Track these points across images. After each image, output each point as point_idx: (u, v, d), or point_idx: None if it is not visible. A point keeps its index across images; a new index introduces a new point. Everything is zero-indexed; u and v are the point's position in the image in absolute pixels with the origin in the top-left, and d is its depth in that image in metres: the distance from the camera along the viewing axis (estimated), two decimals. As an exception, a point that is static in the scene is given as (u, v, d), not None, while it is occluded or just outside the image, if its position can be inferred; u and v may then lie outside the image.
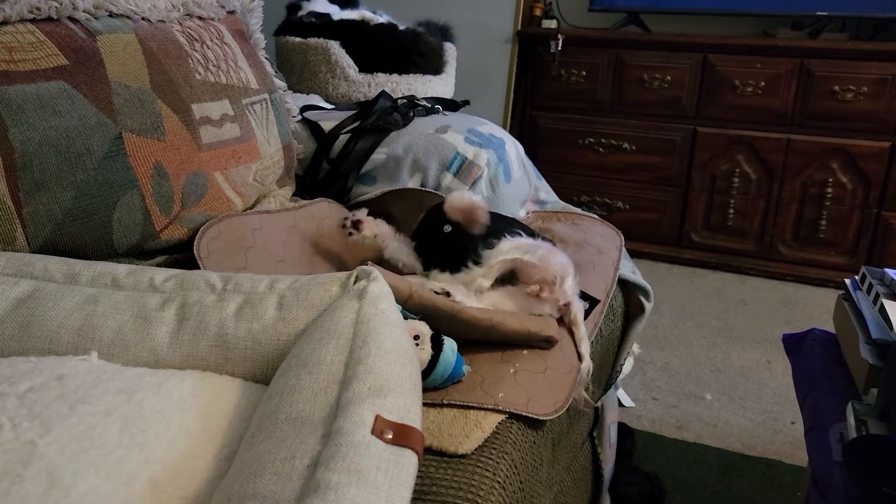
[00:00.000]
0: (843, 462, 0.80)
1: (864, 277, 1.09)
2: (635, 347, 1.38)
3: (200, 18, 1.07)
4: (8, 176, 0.73)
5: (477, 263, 0.92)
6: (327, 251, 1.08)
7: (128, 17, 0.92)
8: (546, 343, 0.89)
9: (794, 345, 1.18)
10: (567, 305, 0.92)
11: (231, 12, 1.17)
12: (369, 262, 0.92)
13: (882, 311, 0.98)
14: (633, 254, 2.71)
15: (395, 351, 0.59)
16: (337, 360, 0.57)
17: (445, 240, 0.99)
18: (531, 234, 1.01)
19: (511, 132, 3.00)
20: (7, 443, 0.49)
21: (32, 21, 0.80)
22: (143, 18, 0.94)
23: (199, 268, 0.86)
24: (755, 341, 2.18)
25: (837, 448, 0.85)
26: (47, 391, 0.54)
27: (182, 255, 0.91)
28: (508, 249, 0.92)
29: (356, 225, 1.00)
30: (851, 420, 0.85)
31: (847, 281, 1.13)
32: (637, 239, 2.87)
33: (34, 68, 0.77)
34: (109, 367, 0.60)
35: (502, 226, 0.99)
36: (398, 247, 1.01)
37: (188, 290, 0.68)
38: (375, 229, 1.01)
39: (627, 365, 1.39)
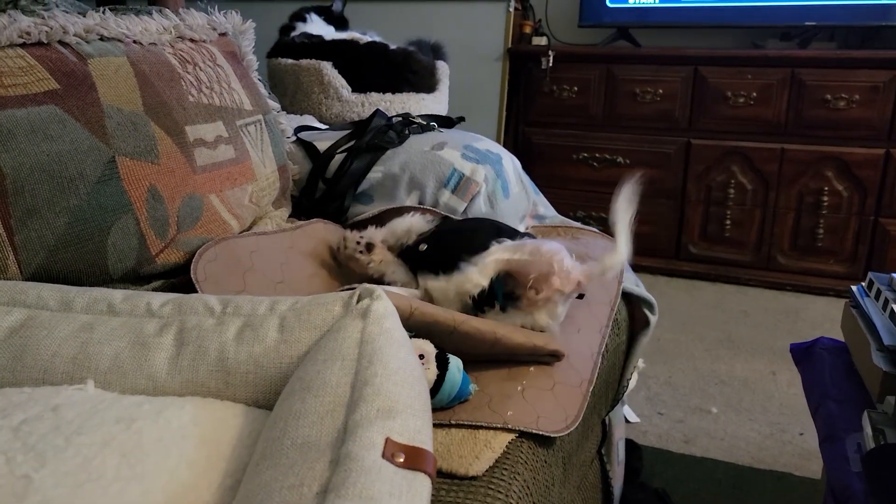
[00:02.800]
0: (863, 473, 0.78)
1: (871, 284, 1.07)
2: (640, 362, 1.36)
3: (192, 41, 1.06)
4: (-1, 202, 0.71)
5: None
6: (326, 272, 1.06)
7: (119, 41, 0.91)
8: (552, 357, 0.87)
9: (803, 354, 1.16)
10: (579, 284, 0.88)
11: (223, 34, 1.16)
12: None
13: (892, 317, 0.97)
14: (631, 267, 2.70)
15: (403, 371, 0.57)
16: (343, 381, 0.55)
17: (422, 258, 0.99)
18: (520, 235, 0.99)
19: (504, 148, 2.99)
20: (1, 477, 0.47)
21: (22, 46, 0.79)
22: (134, 41, 0.93)
23: (196, 292, 0.84)
24: (758, 352, 2.16)
25: (856, 459, 0.83)
26: (42, 423, 0.52)
27: (179, 280, 0.89)
28: (497, 250, 0.89)
29: (369, 248, 0.99)
30: (868, 429, 0.83)
31: (854, 288, 1.11)
32: (634, 252, 2.84)
33: (24, 93, 0.75)
34: (106, 396, 0.58)
35: (487, 235, 0.97)
36: (396, 269, 1.01)
37: (186, 314, 0.66)
38: (384, 256, 1.01)
39: (632, 380, 1.37)
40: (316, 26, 1.98)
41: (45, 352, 0.62)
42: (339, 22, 2.03)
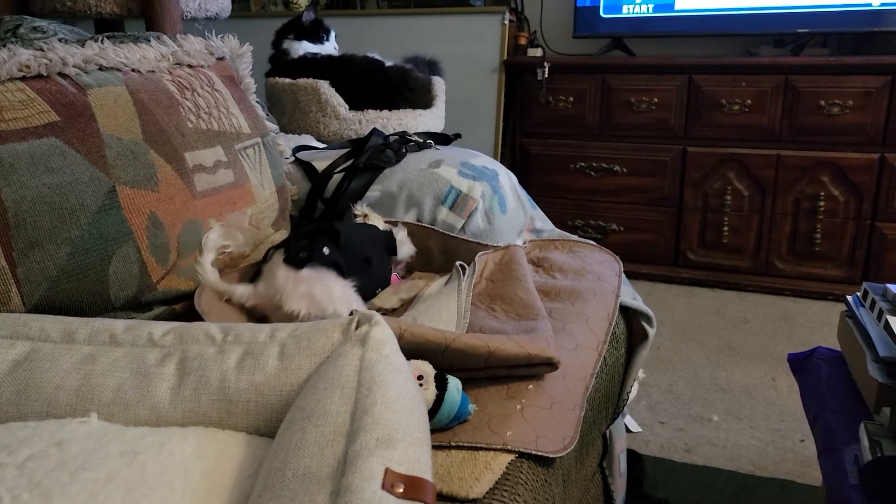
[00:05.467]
0: (860, 485, 0.78)
1: (865, 294, 1.08)
2: (640, 372, 1.37)
3: (190, 66, 1.07)
4: (1, 236, 0.72)
5: None
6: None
7: (118, 70, 0.92)
8: (548, 366, 0.87)
9: (800, 364, 1.17)
10: None
11: (220, 59, 1.17)
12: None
13: (887, 327, 0.98)
14: (630, 275, 2.70)
15: (402, 398, 0.58)
16: (342, 410, 0.56)
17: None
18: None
19: (502, 160, 3.01)
20: (7, 516, 0.48)
21: (22, 79, 0.80)
22: (133, 70, 0.94)
23: (199, 317, 0.85)
24: (758, 359, 2.16)
25: (853, 471, 0.84)
26: (47, 459, 0.53)
27: (181, 306, 0.90)
28: None
29: None
30: (865, 441, 0.84)
31: (849, 298, 1.12)
32: (633, 260, 2.87)
33: (25, 126, 0.76)
34: (110, 429, 0.59)
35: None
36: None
37: (188, 343, 0.67)
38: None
39: (633, 390, 1.37)
40: (307, 47, 1.99)
41: (49, 385, 0.63)
42: (312, 32, 1.99)
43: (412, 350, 0.77)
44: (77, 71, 0.86)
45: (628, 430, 1.73)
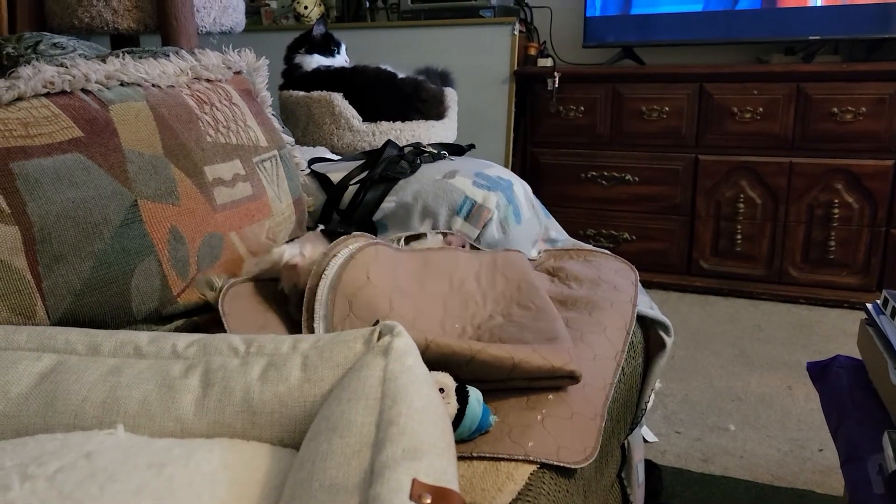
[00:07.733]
0: (886, 495, 0.78)
1: (886, 301, 1.07)
2: (657, 382, 1.36)
3: (208, 81, 1.08)
4: (27, 250, 0.73)
5: None
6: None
7: (139, 85, 0.93)
8: (570, 379, 0.87)
9: (820, 373, 1.16)
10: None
11: (237, 72, 1.18)
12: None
13: (908, 335, 0.97)
14: (643, 284, 2.68)
15: (427, 409, 0.58)
16: (367, 421, 0.56)
17: None
18: None
19: (512, 170, 3.02)
20: (38, 528, 0.48)
21: (46, 95, 0.81)
22: (153, 85, 0.96)
23: (219, 328, 0.85)
24: (773, 367, 2.15)
25: (878, 480, 0.83)
26: (76, 471, 0.53)
27: (201, 318, 0.91)
28: None
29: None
30: (889, 451, 0.83)
31: (869, 305, 1.11)
32: (646, 269, 2.87)
33: (50, 142, 0.77)
34: (137, 441, 0.59)
35: None
36: None
37: (211, 354, 0.68)
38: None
39: (650, 400, 1.37)
40: (319, 60, 2.01)
41: (76, 397, 0.63)
42: (323, 46, 2.01)
43: (437, 361, 0.78)
44: (99, 87, 0.87)
45: (645, 441, 1.72)
